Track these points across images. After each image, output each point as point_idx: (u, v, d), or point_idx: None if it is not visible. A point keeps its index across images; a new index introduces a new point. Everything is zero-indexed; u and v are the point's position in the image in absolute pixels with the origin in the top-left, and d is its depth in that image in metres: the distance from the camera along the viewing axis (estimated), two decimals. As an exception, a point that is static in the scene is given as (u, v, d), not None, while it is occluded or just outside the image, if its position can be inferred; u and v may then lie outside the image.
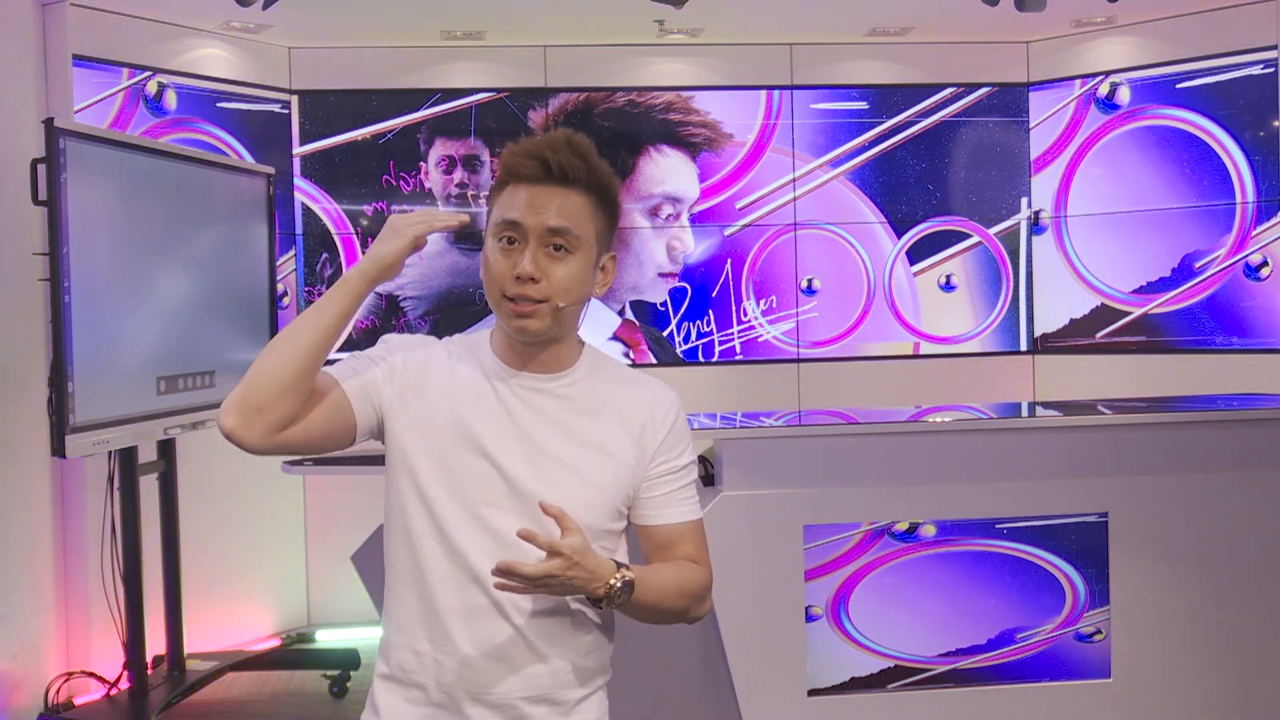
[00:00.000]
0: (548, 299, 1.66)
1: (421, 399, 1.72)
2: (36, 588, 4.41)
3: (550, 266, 1.66)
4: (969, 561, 3.60)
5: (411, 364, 1.74)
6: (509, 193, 1.68)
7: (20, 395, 4.26)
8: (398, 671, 1.74)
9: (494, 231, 1.68)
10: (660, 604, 1.70)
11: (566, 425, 1.72)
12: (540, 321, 1.68)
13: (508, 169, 1.69)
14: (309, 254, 5.75)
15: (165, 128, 5.16)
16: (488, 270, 1.69)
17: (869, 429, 3.67)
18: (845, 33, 5.82)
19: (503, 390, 1.73)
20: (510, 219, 1.66)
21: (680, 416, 1.80)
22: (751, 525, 3.48)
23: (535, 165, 1.66)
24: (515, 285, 1.65)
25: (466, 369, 1.74)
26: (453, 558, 1.69)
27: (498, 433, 1.70)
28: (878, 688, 3.58)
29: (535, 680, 1.71)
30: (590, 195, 1.69)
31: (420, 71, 5.81)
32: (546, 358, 1.75)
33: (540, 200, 1.66)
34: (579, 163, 1.67)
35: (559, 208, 1.66)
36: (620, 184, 1.88)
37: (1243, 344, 5.43)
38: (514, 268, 1.65)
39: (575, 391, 1.75)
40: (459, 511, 1.69)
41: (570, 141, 1.68)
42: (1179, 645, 3.65)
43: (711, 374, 5.98)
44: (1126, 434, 3.65)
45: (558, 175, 1.66)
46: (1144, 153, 5.70)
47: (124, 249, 4.20)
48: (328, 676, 4.77)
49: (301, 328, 1.64)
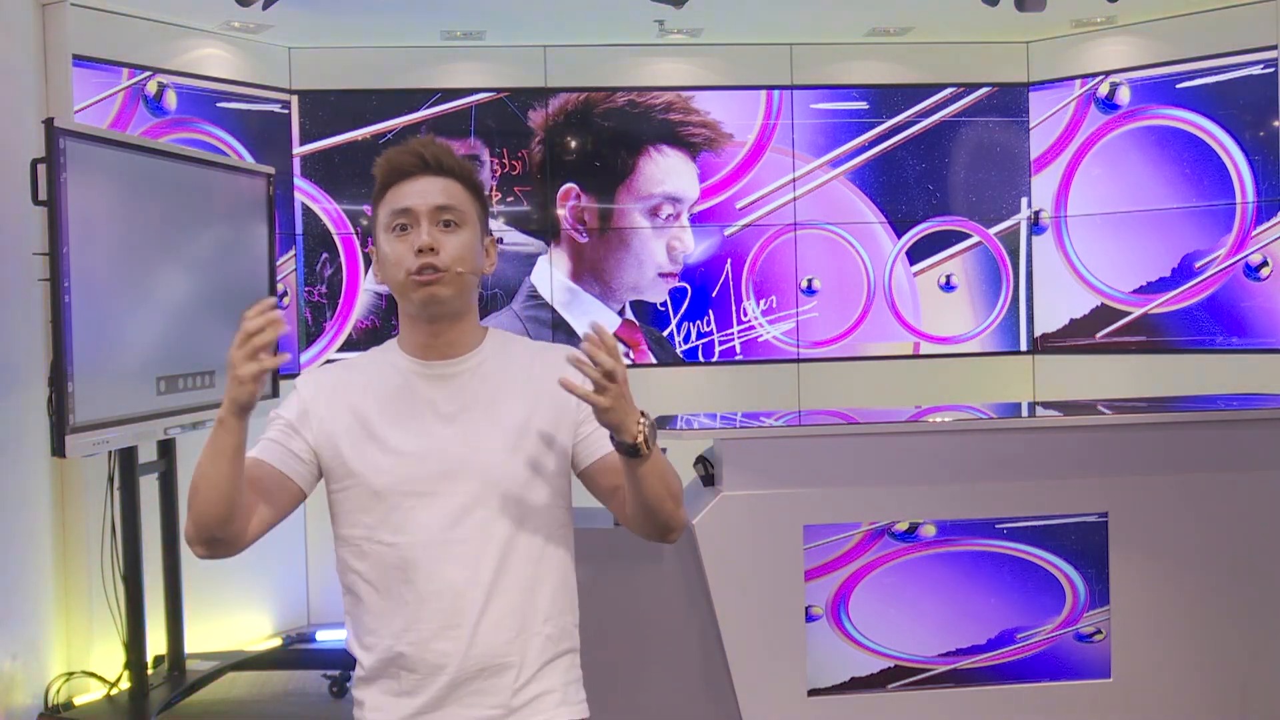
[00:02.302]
0: (448, 267, 1.79)
1: (335, 424, 1.83)
2: (36, 588, 4.41)
3: (444, 238, 1.81)
4: (969, 561, 3.60)
5: (304, 405, 1.85)
6: (392, 192, 1.84)
7: (20, 395, 4.26)
8: (372, 670, 1.83)
9: (386, 225, 1.83)
10: (665, 475, 1.78)
11: (484, 399, 1.84)
12: (446, 288, 1.80)
13: (390, 167, 1.85)
14: (309, 254, 5.75)
15: (165, 128, 5.16)
16: (387, 260, 1.83)
17: (869, 429, 3.67)
18: (845, 33, 5.83)
19: (417, 382, 1.85)
20: (401, 207, 1.81)
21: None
22: (751, 525, 3.48)
23: (413, 159, 1.83)
24: (417, 259, 1.78)
25: (379, 374, 1.87)
26: (400, 542, 1.79)
27: (424, 420, 1.82)
28: (878, 688, 3.58)
29: (491, 650, 1.79)
30: (462, 182, 1.85)
31: (420, 71, 5.81)
32: (453, 340, 1.86)
33: (423, 186, 1.82)
34: (448, 154, 1.85)
35: (442, 189, 1.83)
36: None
37: (1243, 344, 5.43)
38: (411, 246, 1.79)
39: (487, 369, 1.87)
40: (404, 502, 1.79)
41: (436, 141, 1.87)
42: (1179, 645, 3.64)
43: (711, 374, 5.98)
44: (1126, 434, 3.64)
45: (434, 165, 1.83)
46: (1144, 153, 5.70)
47: (124, 249, 4.20)
48: (328, 676, 4.77)
49: (209, 472, 1.70)
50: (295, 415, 1.84)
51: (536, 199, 5.91)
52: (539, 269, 5.90)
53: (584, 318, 5.91)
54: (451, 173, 1.84)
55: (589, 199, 5.90)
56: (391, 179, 1.85)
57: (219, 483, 1.70)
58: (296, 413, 1.84)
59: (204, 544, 1.75)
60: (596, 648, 3.52)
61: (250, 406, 1.68)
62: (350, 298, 5.79)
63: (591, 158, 5.91)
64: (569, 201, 5.89)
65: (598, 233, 5.91)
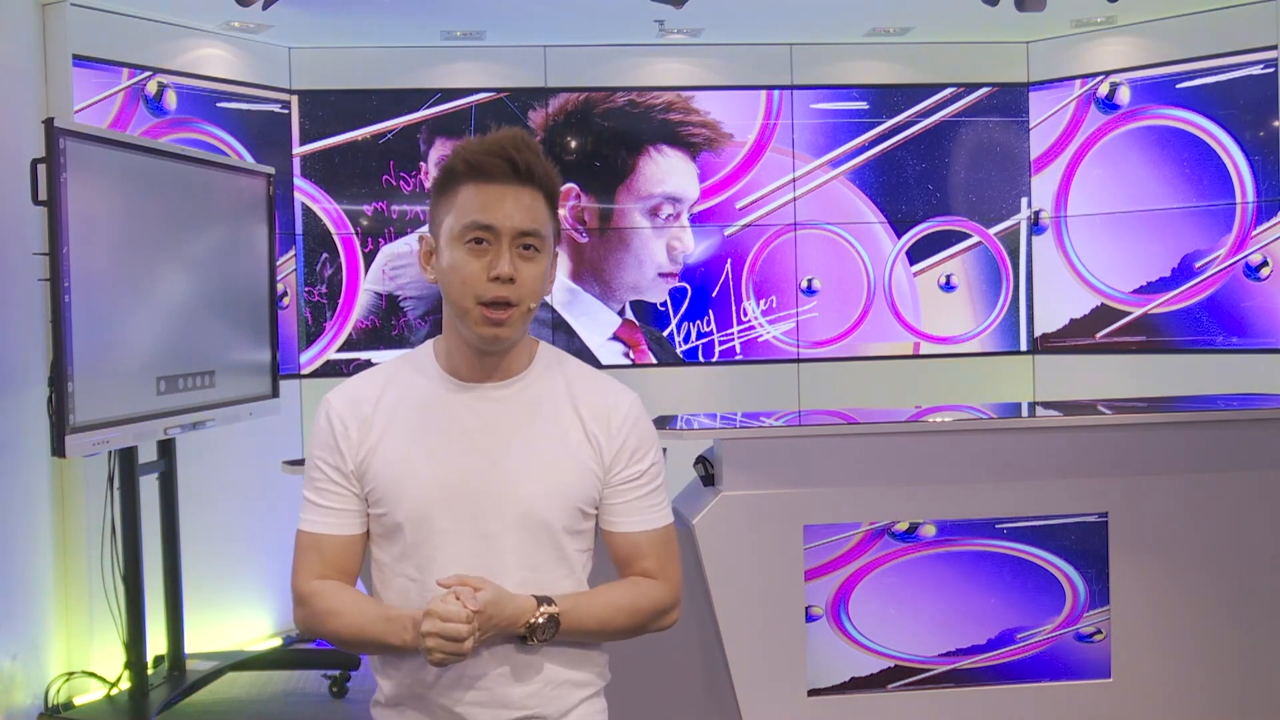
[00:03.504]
0: (520, 301, 1.64)
1: (365, 448, 1.71)
2: (36, 588, 4.41)
3: (523, 267, 1.64)
4: (969, 561, 3.60)
5: (335, 436, 1.73)
6: (470, 192, 1.64)
7: (20, 395, 4.26)
8: (391, 698, 1.76)
9: (458, 235, 1.64)
10: (606, 627, 1.70)
11: (522, 430, 1.71)
12: (512, 329, 1.66)
13: (470, 165, 1.64)
14: (309, 254, 5.75)
15: (165, 128, 5.16)
16: (453, 274, 1.64)
17: (869, 429, 3.67)
18: (845, 33, 5.82)
19: (452, 403, 1.71)
20: (484, 222, 1.63)
21: (640, 420, 1.77)
22: (751, 525, 3.48)
23: (502, 164, 1.63)
24: (492, 288, 1.62)
25: (411, 391, 1.73)
26: (425, 580, 1.70)
27: (456, 449, 1.70)
28: (878, 688, 3.58)
29: (520, 699, 1.70)
30: (546, 197, 1.68)
31: (420, 71, 5.81)
32: (500, 365, 1.72)
33: (511, 202, 1.63)
34: (540, 163, 1.66)
35: (529, 209, 1.64)
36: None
37: (1243, 344, 5.43)
38: (486, 269, 1.62)
39: (528, 395, 1.73)
40: (431, 538, 1.70)
41: (527, 141, 1.66)
42: (1179, 645, 3.64)
43: (711, 374, 5.98)
44: (1126, 434, 3.64)
45: (524, 174, 1.64)
46: (1144, 153, 5.70)
47: (124, 249, 4.19)
48: (328, 676, 4.77)
49: (361, 645, 1.73)
50: (332, 454, 1.72)
51: (536, 199, 5.89)
52: (539, 269, 5.89)
53: (584, 317, 5.91)
54: (541, 185, 1.66)
55: (589, 199, 5.90)
56: (471, 178, 1.64)
57: (358, 651, 1.83)
58: (332, 449, 1.72)
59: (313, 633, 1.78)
60: (596, 648, 3.53)
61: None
62: (350, 298, 5.78)
63: (591, 158, 5.91)
64: (569, 201, 5.89)
65: (598, 233, 5.91)
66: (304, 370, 5.71)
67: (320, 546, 1.72)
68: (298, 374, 5.67)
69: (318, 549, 1.73)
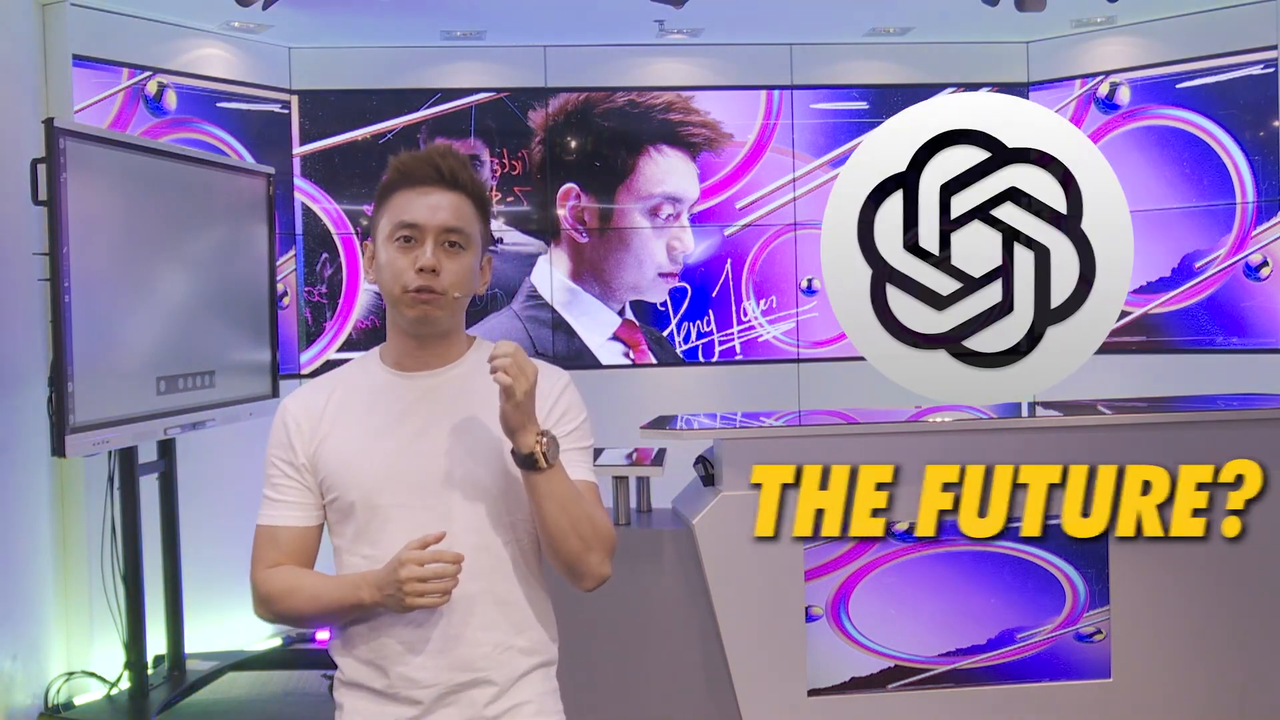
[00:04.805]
0: (445, 291, 1.80)
1: (317, 441, 1.85)
2: (36, 588, 4.41)
3: (447, 261, 1.81)
4: (969, 561, 3.60)
5: (289, 434, 1.87)
6: (402, 197, 1.82)
7: (20, 395, 4.26)
8: (351, 675, 1.87)
9: (390, 234, 1.82)
10: (569, 507, 1.78)
11: (459, 407, 1.84)
12: (439, 310, 1.81)
13: (401, 173, 1.83)
14: (309, 254, 5.75)
15: (165, 128, 5.16)
16: (385, 268, 1.83)
17: (869, 429, 3.67)
18: (845, 33, 5.83)
19: (394, 393, 1.86)
20: (409, 220, 1.80)
21: (566, 391, 1.90)
22: (752, 525, 3.48)
23: (430, 170, 1.81)
24: (417, 278, 1.79)
25: (357, 386, 1.89)
26: (378, 557, 1.80)
27: (398, 431, 1.83)
28: (878, 688, 3.58)
29: (471, 660, 1.81)
30: (473, 201, 1.84)
31: (420, 71, 5.81)
32: (436, 353, 1.87)
33: (435, 202, 1.81)
34: (465, 171, 1.83)
35: (453, 209, 1.81)
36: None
37: (1243, 344, 5.43)
38: (413, 263, 1.79)
39: (466, 381, 1.87)
40: (380, 515, 1.82)
41: (455, 153, 1.84)
42: (1179, 645, 3.64)
43: (711, 374, 5.98)
44: (1126, 434, 3.64)
45: (449, 180, 1.82)
46: (1144, 153, 5.70)
47: (124, 249, 4.19)
48: (327, 676, 4.74)
49: (318, 618, 1.86)
50: (286, 450, 1.87)
51: (536, 199, 5.91)
52: (539, 269, 5.90)
53: (584, 317, 5.91)
54: (465, 189, 1.83)
55: (589, 199, 5.90)
56: (402, 184, 1.83)
57: (318, 622, 1.91)
58: (286, 446, 1.87)
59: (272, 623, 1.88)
60: (596, 648, 3.52)
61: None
62: (350, 298, 5.78)
63: (591, 158, 5.91)
64: (569, 201, 5.89)
65: (598, 233, 5.91)
66: (304, 370, 5.71)
67: (277, 538, 1.86)
68: (298, 374, 5.67)
69: (274, 541, 1.86)
